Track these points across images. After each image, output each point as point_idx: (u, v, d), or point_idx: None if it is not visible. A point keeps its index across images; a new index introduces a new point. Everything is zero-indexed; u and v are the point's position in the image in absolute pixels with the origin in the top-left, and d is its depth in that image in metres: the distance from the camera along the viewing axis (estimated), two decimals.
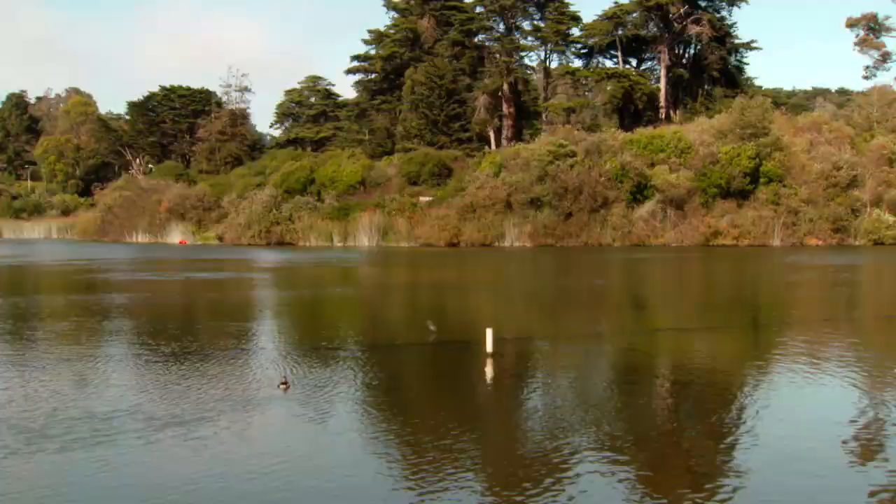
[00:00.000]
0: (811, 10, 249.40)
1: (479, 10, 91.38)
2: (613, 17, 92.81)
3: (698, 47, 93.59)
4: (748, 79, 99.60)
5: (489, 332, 13.79)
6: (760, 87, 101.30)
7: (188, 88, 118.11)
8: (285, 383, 11.39)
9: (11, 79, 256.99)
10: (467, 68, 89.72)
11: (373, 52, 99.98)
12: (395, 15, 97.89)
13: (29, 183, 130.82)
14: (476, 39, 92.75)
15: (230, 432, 9.11)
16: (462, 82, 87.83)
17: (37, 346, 15.47)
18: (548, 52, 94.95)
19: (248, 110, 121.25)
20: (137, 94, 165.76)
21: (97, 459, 7.99)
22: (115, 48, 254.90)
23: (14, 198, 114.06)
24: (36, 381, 11.73)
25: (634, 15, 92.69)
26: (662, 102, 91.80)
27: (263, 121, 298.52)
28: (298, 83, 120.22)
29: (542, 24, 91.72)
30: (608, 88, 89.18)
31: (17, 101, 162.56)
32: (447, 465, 7.93)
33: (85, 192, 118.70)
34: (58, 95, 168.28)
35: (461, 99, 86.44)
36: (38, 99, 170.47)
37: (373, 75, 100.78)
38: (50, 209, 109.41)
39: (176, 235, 74.32)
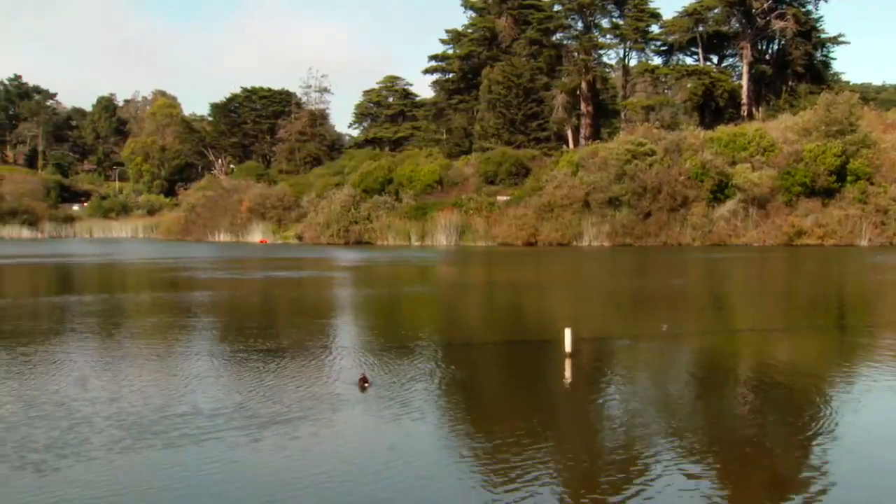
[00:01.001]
0: None
1: (557, 8, 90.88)
2: (694, 14, 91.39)
3: (782, 43, 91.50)
4: (835, 74, 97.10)
5: (568, 332, 13.68)
6: (848, 82, 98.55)
7: (269, 90, 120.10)
8: (365, 381, 11.49)
9: (100, 81, 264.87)
10: (545, 67, 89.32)
11: (450, 51, 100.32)
12: (473, 14, 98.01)
13: (117, 183, 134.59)
14: (554, 38, 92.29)
15: (310, 432, 9.20)
16: (540, 81, 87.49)
17: (133, 342, 15.90)
18: (627, 49, 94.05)
19: (327, 111, 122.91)
20: (220, 96, 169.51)
21: (202, 456, 8.09)
22: (201, 51, 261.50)
23: (103, 198, 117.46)
24: (140, 377, 11.95)
25: (716, 11, 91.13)
26: (744, 100, 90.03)
27: (342, 121, 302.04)
28: (377, 83, 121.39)
29: (621, 22, 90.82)
30: (688, 86, 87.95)
31: (107, 105, 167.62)
32: (525, 468, 7.88)
33: (170, 192, 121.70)
34: (144, 98, 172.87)
35: (539, 98, 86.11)
36: (126, 102, 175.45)
37: (450, 75, 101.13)
38: (136, 209, 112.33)
39: (257, 235, 75.65)
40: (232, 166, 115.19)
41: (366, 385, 11.32)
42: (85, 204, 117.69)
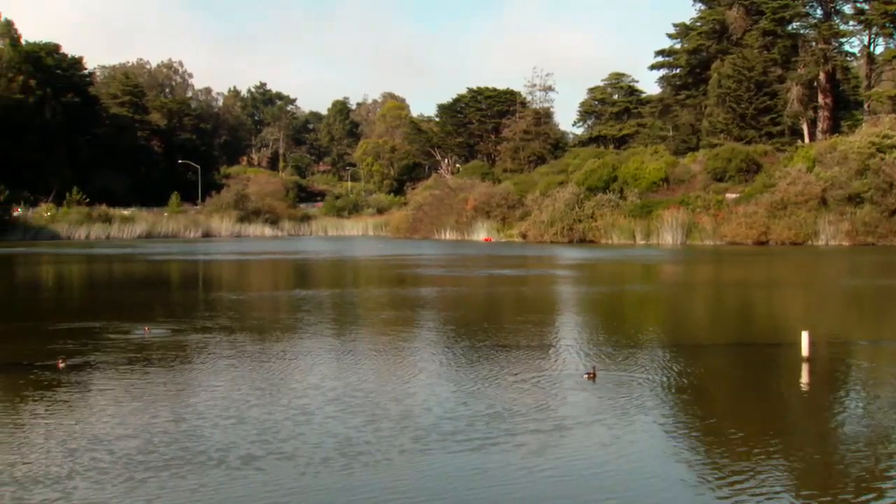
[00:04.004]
0: None
1: None
2: None
3: None
4: None
5: (805, 335, 13.08)
6: None
7: (494, 90, 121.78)
8: (592, 374, 11.68)
9: (336, 84, 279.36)
10: (779, 58, 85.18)
11: (678, 46, 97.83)
12: (702, 7, 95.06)
13: (349, 183, 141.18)
14: (790, 27, 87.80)
15: (543, 430, 9.34)
16: (773, 73, 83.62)
17: (379, 337, 16.73)
18: (872, 36, 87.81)
19: (551, 109, 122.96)
20: (446, 97, 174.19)
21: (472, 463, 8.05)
22: (437, 53, 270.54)
23: (337, 197, 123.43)
24: (436, 382, 11.91)
25: None
26: None
27: (566, 119, 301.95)
28: (601, 80, 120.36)
29: (865, 7, 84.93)
30: None
31: (341, 108, 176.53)
32: (756, 476, 7.65)
33: (398, 191, 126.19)
34: (374, 101, 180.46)
35: (772, 91, 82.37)
36: (358, 104, 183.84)
37: (677, 70, 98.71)
38: (367, 208, 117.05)
39: (481, 233, 77.00)
40: (458, 165, 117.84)
41: (591, 377, 11.55)
42: (320, 204, 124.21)
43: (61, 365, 12.71)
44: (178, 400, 10.55)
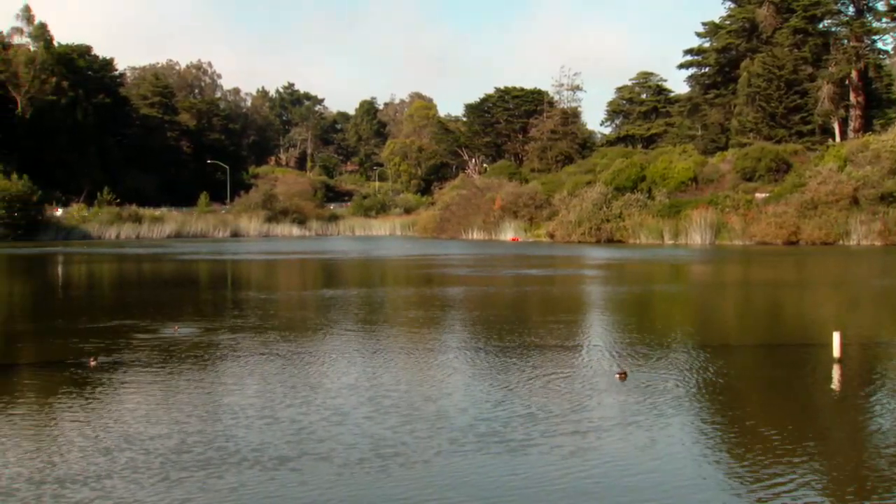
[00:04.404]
0: None
1: None
2: None
3: None
4: None
5: (837, 336, 12.99)
6: None
7: (521, 89, 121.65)
8: (623, 374, 11.75)
9: (363, 84, 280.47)
10: (810, 57, 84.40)
11: (707, 45, 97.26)
12: (732, 5, 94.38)
13: (377, 183, 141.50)
14: (821, 25, 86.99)
15: (573, 430, 9.36)
16: (803, 72, 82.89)
17: (410, 336, 16.79)
18: None
19: (579, 109, 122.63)
20: (473, 97, 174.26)
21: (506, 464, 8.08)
22: (465, 53, 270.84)
23: (364, 197, 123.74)
24: (470, 382, 11.96)
25: None
26: None
27: (594, 118, 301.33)
28: (629, 80, 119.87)
29: None
30: None
31: (368, 108, 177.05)
32: (792, 478, 7.61)
33: (426, 190, 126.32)
34: (401, 101, 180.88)
35: (802, 90, 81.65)
36: (386, 105, 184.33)
37: (706, 69, 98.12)
38: (394, 207, 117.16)
39: (508, 233, 76.91)
40: (485, 165, 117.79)
41: (622, 376, 11.64)
42: (347, 204, 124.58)
43: (93, 363, 12.87)
44: (212, 399, 10.65)
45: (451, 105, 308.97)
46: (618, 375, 11.76)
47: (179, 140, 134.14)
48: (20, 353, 14.96)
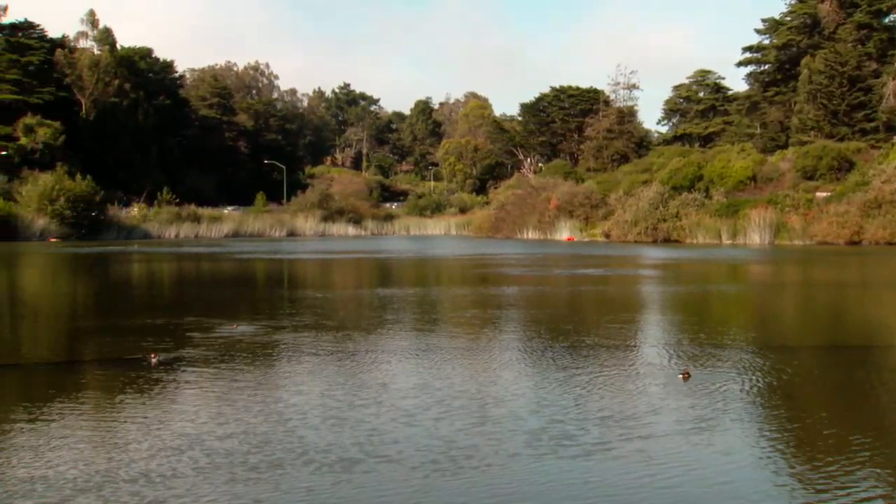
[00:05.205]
0: None
1: None
2: None
3: None
4: None
5: None
6: None
7: (577, 88, 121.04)
8: (686, 374, 11.65)
9: (418, 84, 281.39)
10: (874, 52, 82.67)
11: (766, 41, 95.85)
12: (793, 1, 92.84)
13: (432, 183, 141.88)
14: (886, 20, 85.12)
15: (631, 437, 9.23)
16: (867, 68, 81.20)
17: (471, 335, 16.77)
18: None
19: (635, 107, 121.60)
20: (528, 96, 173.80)
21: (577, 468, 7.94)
22: (522, 53, 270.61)
23: (419, 197, 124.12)
24: (539, 383, 11.78)
25: None
26: None
27: (650, 117, 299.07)
28: (687, 78, 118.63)
29: None
30: None
31: (423, 108, 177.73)
32: (859, 483, 7.41)
33: (481, 190, 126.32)
34: (456, 101, 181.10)
35: (866, 86, 80.00)
36: (441, 104, 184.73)
37: (765, 66, 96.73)
38: (449, 207, 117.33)
39: (564, 232, 76.58)
40: (540, 165, 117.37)
41: (686, 376, 11.56)
42: (402, 203, 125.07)
43: (154, 360, 13.02)
44: (275, 398, 10.64)
45: (506, 104, 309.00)
46: (681, 375, 11.65)
47: (237, 140, 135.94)
48: (84, 350, 15.20)
